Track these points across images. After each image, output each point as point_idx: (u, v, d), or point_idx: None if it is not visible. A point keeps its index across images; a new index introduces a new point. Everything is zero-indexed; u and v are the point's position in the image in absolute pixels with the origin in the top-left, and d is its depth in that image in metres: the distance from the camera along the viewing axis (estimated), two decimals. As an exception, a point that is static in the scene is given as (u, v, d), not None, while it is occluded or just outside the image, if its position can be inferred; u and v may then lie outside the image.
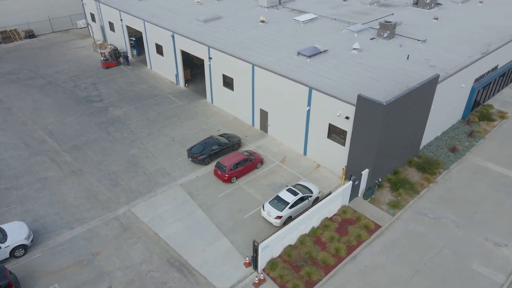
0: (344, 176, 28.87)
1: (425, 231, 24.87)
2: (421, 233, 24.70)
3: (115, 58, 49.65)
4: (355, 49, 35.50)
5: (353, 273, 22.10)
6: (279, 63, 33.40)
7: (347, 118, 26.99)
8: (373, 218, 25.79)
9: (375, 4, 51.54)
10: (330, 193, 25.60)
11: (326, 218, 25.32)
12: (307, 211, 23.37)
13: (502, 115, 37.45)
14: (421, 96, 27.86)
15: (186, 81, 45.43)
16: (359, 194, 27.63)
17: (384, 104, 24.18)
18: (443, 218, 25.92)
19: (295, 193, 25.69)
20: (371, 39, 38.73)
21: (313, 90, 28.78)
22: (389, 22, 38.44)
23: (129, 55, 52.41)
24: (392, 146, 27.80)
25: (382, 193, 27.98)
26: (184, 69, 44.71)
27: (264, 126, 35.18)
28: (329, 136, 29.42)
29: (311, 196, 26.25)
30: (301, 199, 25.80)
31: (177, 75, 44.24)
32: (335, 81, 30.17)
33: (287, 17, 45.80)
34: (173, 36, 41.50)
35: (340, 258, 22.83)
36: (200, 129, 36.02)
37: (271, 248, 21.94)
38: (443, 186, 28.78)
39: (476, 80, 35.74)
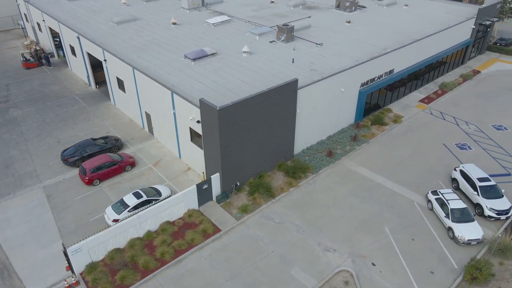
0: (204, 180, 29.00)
1: (263, 235, 24.97)
2: (257, 238, 24.79)
3: (37, 59, 49.89)
4: (245, 52, 35.60)
5: (170, 277, 22.23)
6: (161, 66, 33.50)
7: (198, 122, 27.10)
8: (218, 222, 25.90)
9: (300, 6, 51.57)
10: (168, 197, 25.74)
11: (167, 221, 25.44)
12: (135, 215, 23.53)
13: (397, 120, 37.46)
14: (277, 100, 27.92)
15: (101, 82, 45.62)
16: (214, 198, 27.76)
17: (217, 108, 24.30)
18: (288, 222, 26.01)
19: (139, 196, 25.85)
20: (270, 42, 38.82)
21: (174, 94, 28.91)
22: (286, 25, 38.50)
23: (55, 55, 52.67)
24: (247, 150, 27.86)
25: (238, 197, 28.08)
26: (98, 71, 44.91)
27: (151, 129, 35.32)
28: (192, 139, 29.56)
29: (157, 199, 26.37)
30: (148, 202, 25.95)
31: (88, 77, 44.42)
32: (205, 84, 30.20)
33: (203, 19, 45.91)
34: (78, 38, 41.68)
35: (164, 262, 22.96)
36: (91, 131, 36.18)
37: (89, 251, 22.09)
38: (303, 190, 28.86)
39: (364, 84, 35.78)
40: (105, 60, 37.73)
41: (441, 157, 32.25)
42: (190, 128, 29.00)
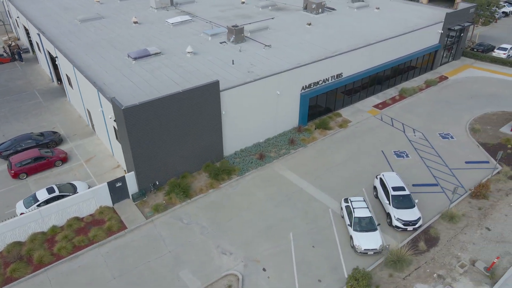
0: (127, 177, 29.28)
1: (166, 235, 25.06)
2: (160, 237, 24.90)
3: (10, 54, 51.39)
4: (189, 52, 35.73)
5: (61, 272, 22.59)
6: (103, 64, 33.93)
7: (115, 121, 27.41)
8: (127, 220, 26.14)
9: (269, 7, 51.26)
10: (73, 193, 26.18)
11: (76, 217, 25.83)
12: (36, 210, 24.02)
13: (343, 124, 36.83)
14: (197, 101, 27.93)
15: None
16: (131, 196, 28.00)
17: (122, 108, 24.53)
18: (195, 224, 26.01)
19: (51, 191, 26.34)
20: (221, 42, 38.82)
21: (99, 92, 29.31)
22: (236, 26, 38.44)
23: (30, 51, 54.11)
24: (166, 150, 27.96)
25: (156, 196, 28.25)
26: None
27: (93, 126, 35.90)
28: (116, 137, 29.90)
29: (71, 194, 26.80)
30: (62, 197, 26.38)
31: (51, 72, 45.48)
32: (135, 84, 30.41)
33: (165, 19, 46.26)
34: (39, 34, 42.71)
35: (60, 257, 23.35)
36: (39, 126, 37.04)
37: (-17, 243, 22.75)
38: (223, 192, 28.77)
39: (306, 87, 35.31)
40: (56, 57, 38.58)
41: (374, 164, 31.58)
42: (114, 126, 29.38)
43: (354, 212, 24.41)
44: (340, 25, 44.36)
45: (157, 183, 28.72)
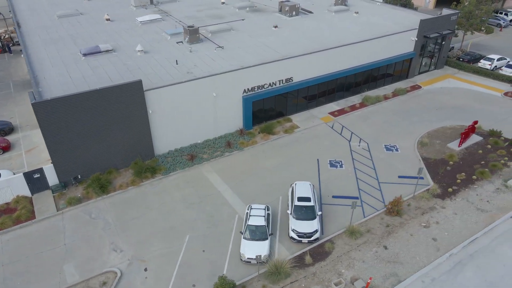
0: (54, 169, 30.24)
1: (70, 228, 25.69)
2: (63, 230, 25.56)
3: (0, 46, 54.25)
4: (139, 51, 36.35)
5: (-43, 255, 23.80)
6: (54, 59, 35.14)
7: (38, 114, 28.43)
8: (39, 211, 27.04)
9: (247, 9, 51.09)
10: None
11: (-11, 205, 27.12)
12: None
13: (289, 130, 36.15)
14: (118, 99, 28.39)
15: (42, 71, 48.62)
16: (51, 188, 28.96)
17: (32, 102, 25.38)
18: (101, 219, 26.49)
19: (-27, 179, 27.77)
20: (178, 42, 39.20)
21: (33, 85, 30.43)
22: (191, 26, 38.68)
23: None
24: (87, 146, 28.63)
25: (77, 190, 29.00)
26: (40, 60, 47.92)
27: (45, 118, 37.33)
28: (47, 130, 30.98)
29: (-7, 183, 28.10)
30: (-18, 184, 27.79)
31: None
32: (73, 79, 31.29)
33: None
34: (15, 28, 44.83)
35: (-38, 241, 24.61)
36: (-1, 115, 39.09)
37: None
38: (142, 190, 29.10)
39: (249, 90, 34.91)
40: (20, 50, 40.39)
41: (303, 173, 30.80)
42: (44, 120, 30.48)
43: (248, 219, 24.03)
44: (308, 29, 43.52)
45: (79, 177, 29.49)
